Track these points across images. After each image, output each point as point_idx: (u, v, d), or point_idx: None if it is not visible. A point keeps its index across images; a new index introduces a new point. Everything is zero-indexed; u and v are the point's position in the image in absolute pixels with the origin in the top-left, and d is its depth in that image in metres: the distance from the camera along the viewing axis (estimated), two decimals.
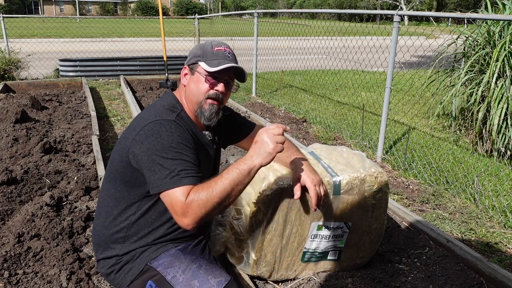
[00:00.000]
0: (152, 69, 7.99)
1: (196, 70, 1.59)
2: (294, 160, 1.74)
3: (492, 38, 4.17)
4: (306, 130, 4.82)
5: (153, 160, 1.42)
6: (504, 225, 2.69)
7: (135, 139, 1.49)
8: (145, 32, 17.42)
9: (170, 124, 1.49)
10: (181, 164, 1.41)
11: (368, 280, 1.99)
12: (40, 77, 7.67)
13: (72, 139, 3.81)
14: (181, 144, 1.46)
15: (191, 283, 1.45)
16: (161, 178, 1.40)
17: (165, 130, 1.47)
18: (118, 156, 1.58)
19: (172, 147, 1.43)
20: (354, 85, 7.28)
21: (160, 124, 1.48)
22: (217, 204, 1.35)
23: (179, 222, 1.38)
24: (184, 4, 53.86)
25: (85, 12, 54.06)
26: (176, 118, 1.54)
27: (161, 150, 1.42)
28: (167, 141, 1.44)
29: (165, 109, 1.58)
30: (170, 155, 1.42)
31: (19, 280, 1.85)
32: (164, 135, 1.45)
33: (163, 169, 1.40)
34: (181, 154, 1.43)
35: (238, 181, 1.36)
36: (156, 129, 1.47)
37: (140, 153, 1.46)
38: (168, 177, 1.39)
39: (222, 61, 1.56)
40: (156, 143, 1.44)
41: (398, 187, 3.30)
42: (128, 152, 1.50)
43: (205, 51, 1.59)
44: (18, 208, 2.51)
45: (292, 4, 55.89)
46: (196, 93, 1.59)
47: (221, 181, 1.36)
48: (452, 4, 38.12)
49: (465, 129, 4.42)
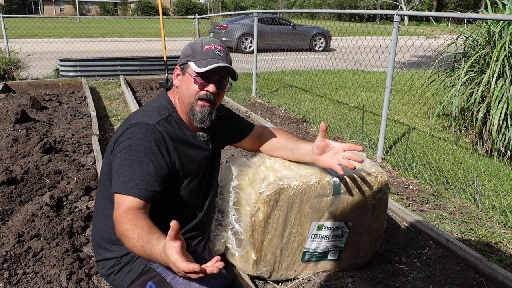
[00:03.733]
0: (152, 69, 7.99)
1: (187, 71, 1.55)
2: (320, 145, 1.70)
3: (492, 38, 4.17)
4: (306, 130, 4.82)
5: (117, 158, 1.45)
6: (504, 225, 2.69)
7: (118, 139, 1.51)
8: (145, 32, 17.42)
9: (147, 128, 1.49)
10: (138, 171, 1.41)
11: (368, 280, 1.99)
12: (40, 77, 7.67)
13: (72, 139, 3.81)
14: (148, 150, 1.45)
15: (191, 284, 1.45)
16: (116, 178, 1.42)
17: (139, 133, 1.47)
18: (107, 158, 1.60)
19: (137, 150, 1.44)
20: (354, 85, 7.28)
21: (138, 127, 1.49)
22: (124, 241, 1.28)
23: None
24: (184, 4, 53.85)
25: (85, 12, 54.04)
26: (159, 122, 1.52)
27: (127, 151, 1.44)
28: (135, 144, 1.45)
29: (153, 111, 1.57)
30: (132, 157, 1.43)
31: (19, 280, 1.85)
32: (136, 137, 1.46)
33: (120, 170, 1.42)
34: (142, 161, 1.43)
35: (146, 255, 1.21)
36: (131, 131, 1.48)
37: (116, 153, 1.49)
38: (120, 181, 1.40)
39: (211, 60, 1.51)
40: (126, 143, 1.46)
41: (398, 187, 3.30)
42: (112, 152, 1.53)
43: (194, 50, 1.55)
44: (18, 208, 2.51)
45: (292, 4, 55.87)
46: (187, 94, 1.55)
47: (139, 242, 1.21)
48: (452, 4, 38.10)
49: (465, 129, 4.42)
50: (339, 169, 1.62)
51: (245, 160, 1.94)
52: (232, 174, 1.90)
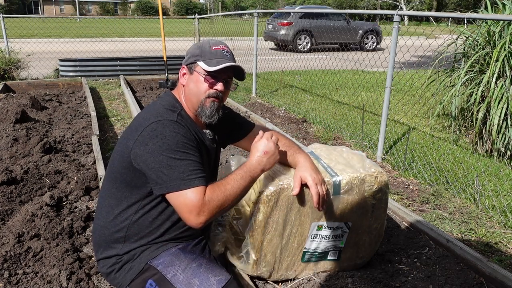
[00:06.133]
0: (152, 69, 7.99)
1: (195, 70, 1.59)
2: (296, 158, 1.74)
3: (492, 38, 4.17)
4: (306, 130, 4.82)
5: (160, 161, 1.42)
6: (504, 225, 2.69)
7: (138, 140, 1.48)
8: (145, 32, 17.41)
9: (173, 124, 1.50)
10: (190, 165, 1.43)
11: (368, 280, 1.99)
12: (40, 77, 7.67)
13: (72, 139, 3.82)
14: (187, 144, 1.47)
15: (191, 282, 1.45)
16: (171, 179, 1.40)
17: (169, 131, 1.47)
18: (119, 157, 1.58)
19: (178, 147, 1.44)
20: (354, 85, 7.28)
21: (163, 125, 1.48)
22: (230, 204, 1.47)
23: (193, 220, 1.40)
24: (184, 4, 53.84)
25: (85, 12, 54.05)
26: (178, 118, 1.55)
27: (168, 151, 1.43)
28: (172, 142, 1.44)
29: (165, 109, 1.58)
30: (178, 156, 1.42)
31: (19, 280, 1.85)
32: (169, 135, 1.46)
33: (172, 170, 1.41)
34: (188, 155, 1.45)
35: (245, 185, 1.50)
36: (160, 130, 1.47)
37: (145, 154, 1.45)
38: (179, 178, 1.40)
39: (221, 60, 1.56)
40: (161, 144, 1.44)
41: (398, 187, 3.30)
42: (130, 153, 1.50)
43: (203, 50, 1.59)
44: (18, 208, 2.51)
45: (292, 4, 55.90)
46: (196, 92, 1.59)
47: (232, 183, 1.47)
48: (452, 4, 38.11)
49: (465, 129, 4.42)
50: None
51: (244, 160, 1.93)
52: None
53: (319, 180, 1.66)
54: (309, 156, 1.78)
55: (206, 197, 1.40)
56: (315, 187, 1.63)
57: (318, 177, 1.66)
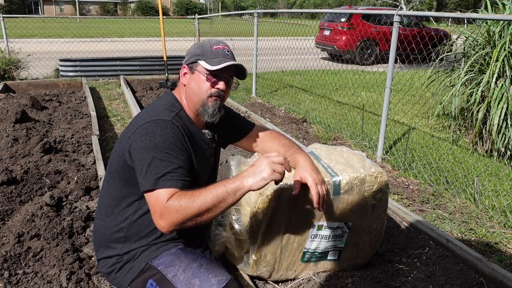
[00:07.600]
0: (152, 69, 7.99)
1: (196, 69, 1.59)
2: (296, 158, 1.74)
3: (492, 38, 4.17)
4: (306, 130, 4.82)
5: (143, 158, 1.43)
6: (504, 225, 2.69)
7: (131, 137, 1.49)
8: (145, 32, 17.41)
9: (166, 124, 1.50)
10: (169, 166, 1.41)
11: (368, 280, 1.99)
12: (40, 77, 7.67)
13: (72, 139, 3.81)
14: (173, 145, 1.46)
15: (192, 282, 1.45)
16: (147, 177, 1.40)
17: (160, 130, 1.47)
18: (116, 156, 1.59)
19: (163, 147, 1.43)
20: (354, 85, 7.28)
21: (156, 124, 1.49)
22: (195, 215, 1.32)
23: (156, 223, 1.38)
24: (184, 4, 53.86)
25: (85, 12, 54.04)
26: (174, 118, 1.54)
27: (153, 149, 1.43)
28: (159, 141, 1.44)
29: (163, 108, 1.58)
30: (160, 155, 1.42)
31: (19, 280, 1.85)
32: (158, 134, 1.46)
33: (150, 169, 1.40)
34: (171, 156, 1.43)
35: (221, 198, 1.33)
36: (151, 128, 1.47)
37: (133, 151, 1.47)
38: (154, 178, 1.39)
39: (222, 59, 1.56)
40: (149, 141, 1.44)
41: (398, 187, 3.30)
42: (125, 151, 1.51)
43: (204, 49, 1.60)
44: (18, 208, 2.51)
45: (292, 4, 55.90)
46: (197, 92, 1.59)
47: (205, 194, 1.33)
48: (452, 4, 38.09)
49: (465, 129, 4.42)
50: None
51: (245, 160, 1.93)
52: (232, 174, 1.90)
53: (319, 180, 1.66)
54: (309, 156, 1.78)
55: (169, 202, 1.33)
56: (315, 187, 1.63)
57: (318, 177, 1.66)
